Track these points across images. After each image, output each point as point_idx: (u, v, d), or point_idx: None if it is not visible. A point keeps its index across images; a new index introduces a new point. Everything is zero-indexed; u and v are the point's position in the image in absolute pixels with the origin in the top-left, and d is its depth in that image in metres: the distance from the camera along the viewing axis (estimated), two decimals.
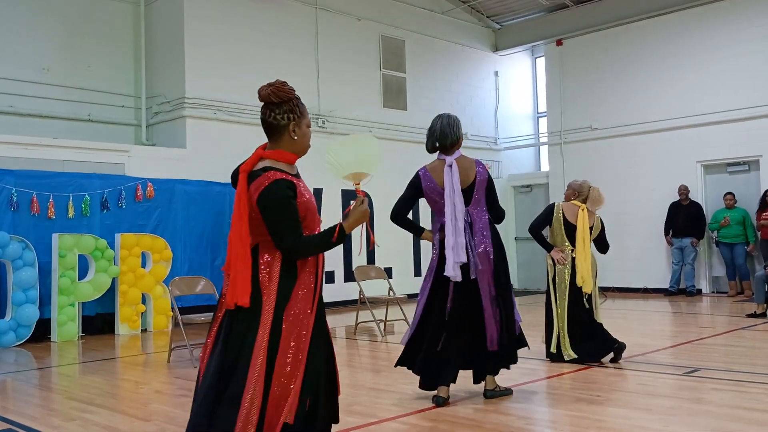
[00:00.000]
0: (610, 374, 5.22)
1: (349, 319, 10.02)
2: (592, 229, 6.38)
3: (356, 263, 12.07)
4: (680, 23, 13.03)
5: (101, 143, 10.18)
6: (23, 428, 4.56)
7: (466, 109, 14.95)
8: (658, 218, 12.87)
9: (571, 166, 14.22)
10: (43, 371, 7.04)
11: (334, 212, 12.50)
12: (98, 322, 9.41)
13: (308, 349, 3.00)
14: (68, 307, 8.86)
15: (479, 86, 15.38)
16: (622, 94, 13.70)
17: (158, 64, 11.34)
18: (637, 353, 6.65)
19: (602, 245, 6.58)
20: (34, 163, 9.26)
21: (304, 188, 3.14)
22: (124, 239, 9.44)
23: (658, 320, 9.71)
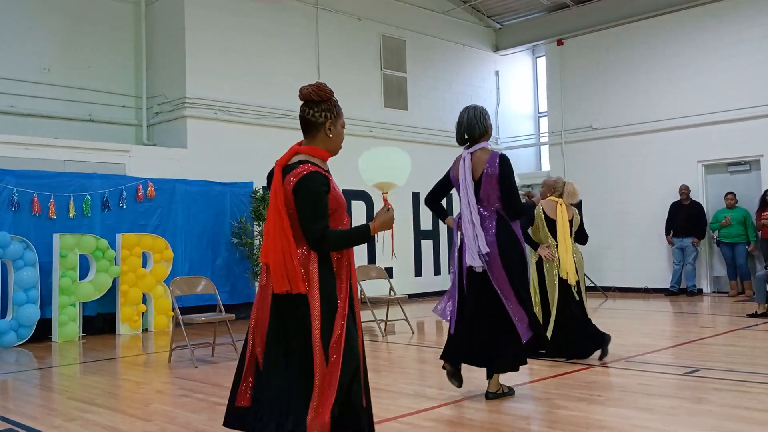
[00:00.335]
0: (610, 374, 5.22)
1: None
2: (572, 222, 6.47)
3: (356, 263, 12.09)
4: (681, 23, 13.02)
5: (102, 143, 10.18)
6: (24, 428, 4.56)
7: None
8: (658, 218, 12.87)
9: (571, 165, 14.22)
10: (44, 371, 7.05)
11: None
12: (99, 322, 9.41)
13: (345, 338, 3.13)
14: (69, 307, 8.87)
15: (480, 86, 15.37)
16: (622, 93, 13.70)
17: (159, 64, 11.34)
18: (637, 353, 6.65)
19: (582, 237, 6.76)
20: (34, 163, 9.27)
21: (335, 184, 3.28)
22: (124, 239, 9.44)
23: (658, 320, 9.71)
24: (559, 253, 6.37)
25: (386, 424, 4.37)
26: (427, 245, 13.98)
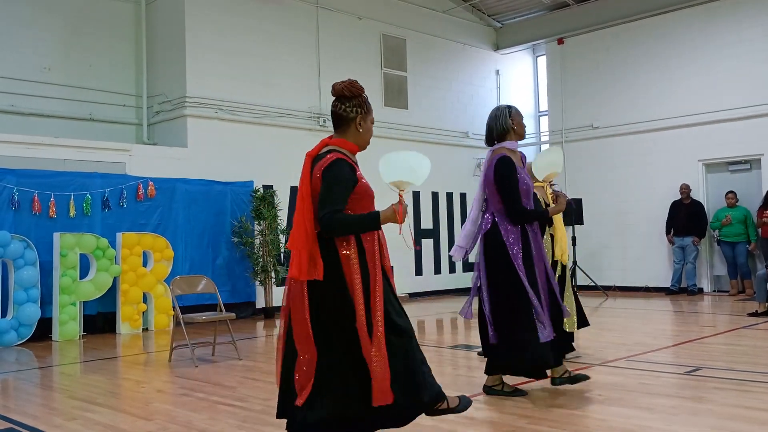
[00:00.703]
0: (611, 373, 5.22)
1: None
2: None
3: None
4: (681, 22, 13.01)
5: (102, 142, 10.18)
6: (25, 427, 4.56)
7: (467, 108, 14.94)
8: (659, 217, 12.86)
9: (572, 164, 14.21)
10: (44, 370, 7.05)
11: None
12: (99, 321, 9.42)
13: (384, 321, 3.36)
14: (69, 306, 8.87)
15: (480, 85, 15.37)
16: (623, 93, 13.69)
17: (159, 63, 11.34)
18: (638, 352, 6.65)
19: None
20: (35, 162, 9.27)
21: (361, 174, 3.47)
22: (125, 238, 9.44)
23: (659, 319, 9.70)
24: (556, 234, 6.25)
25: None
26: (427, 244, 13.98)
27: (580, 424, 4.25)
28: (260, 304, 11.09)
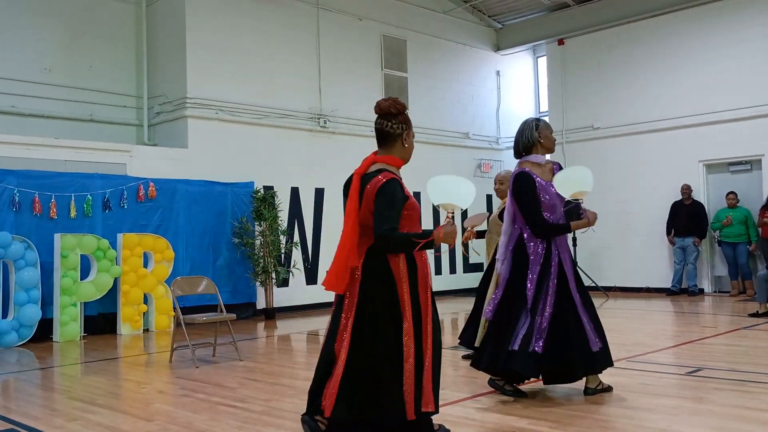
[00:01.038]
0: (611, 374, 5.21)
1: None
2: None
3: None
4: (682, 22, 13.01)
5: (103, 143, 10.19)
6: (25, 428, 4.57)
7: (467, 108, 14.95)
8: (660, 217, 12.86)
9: (572, 165, 14.19)
10: (45, 371, 7.05)
11: (335, 211, 12.51)
12: (100, 322, 9.42)
13: (431, 332, 3.58)
14: (70, 307, 8.87)
15: (481, 86, 15.37)
16: (623, 93, 13.69)
17: (160, 64, 11.34)
18: (639, 353, 6.65)
19: None
20: (35, 163, 9.27)
21: (409, 191, 3.66)
22: (126, 239, 9.45)
23: (660, 320, 9.70)
24: None
25: None
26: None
27: (580, 424, 4.25)
28: (261, 305, 11.08)
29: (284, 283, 11.44)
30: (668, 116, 13.05)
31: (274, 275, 10.95)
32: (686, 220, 12.44)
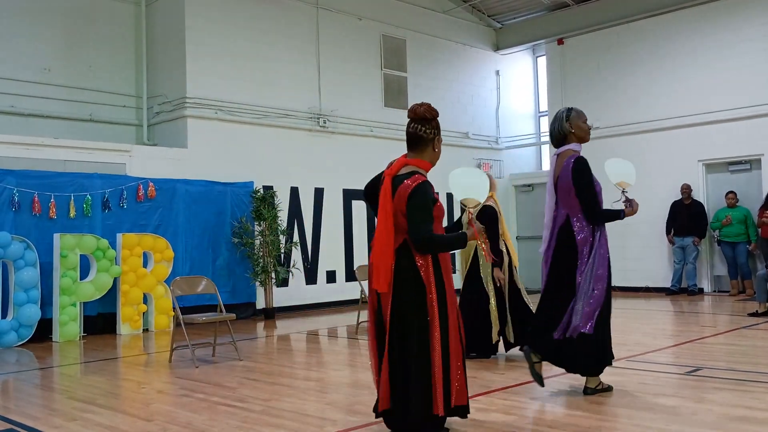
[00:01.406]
0: (611, 373, 5.21)
1: (350, 318, 10.02)
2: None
3: (357, 263, 12.10)
4: (681, 22, 13.01)
5: (102, 143, 10.18)
6: (25, 428, 4.56)
7: (467, 108, 14.94)
8: (659, 217, 12.86)
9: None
10: (44, 371, 7.05)
11: (335, 211, 12.52)
12: (100, 322, 9.41)
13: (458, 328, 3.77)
14: (70, 307, 8.87)
15: (480, 85, 15.37)
16: (623, 93, 13.69)
17: (159, 63, 11.34)
18: (638, 352, 6.65)
19: None
20: (35, 163, 9.27)
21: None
22: (125, 239, 9.45)
23: (659, 319, 9.70)
24: (508, 243, 6.73)
25: None
26: None
27: (580, 424, 4.25)
28: (260, 304, 11.08)
29: (284, 282, 11.44)
30: (668, 116, 13.04)
31: (273, 275, 10.95)
32: (686, 219, 12.44)
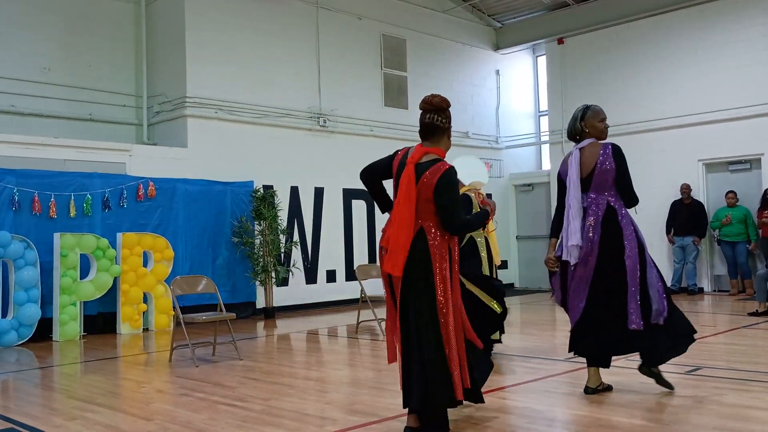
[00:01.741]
0: (611, 373, 5.21)
1: (350, 317, 10.03)
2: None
3: (357, 262, 12.10)
4: (682, 22, 13.01)
5: (102, 143, 10.19)
6: (25, 427, 4.57)
7: (467, 107, 14.94)
8: (659, 217, 12.85)
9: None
10: (44, 370, 7.05)
11: (335, 208, 12.52)
12: (100, 321, 9.42)
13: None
14: (70, 306, 8.87)
15: (480, 85, 15.37)
16: (623, 92, 13.69)
17: (159, 63, 11.34)
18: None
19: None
20: (35, 162, 9.27)
21: None
22: (125, 238, 9.45)
23: None
24: (490, 239, 6.58)
25: (388, 423, 4.37)
26: None
27: (579, 423, 4.25)
28: (260, 304, 11.09)
29: (284, 282, 11.44)
30: (668, 115, 13.04)
31: (273, 274, 10.95)
32: (686, 219, 12.44)
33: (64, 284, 8.84)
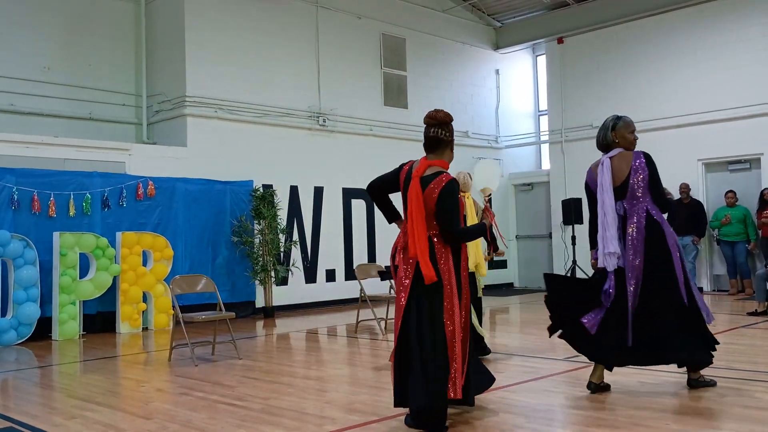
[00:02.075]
0: (611, 372, 5.21)
1: (350, 317, 10.03)
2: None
3: (357, 262, 12.10)
4: (681, 21, 13.01)
5: (102, 142, 10.18)
6: (24, 426, 4.57)
7: (467, 107, 14.94)
8: None
9: (571, 164, 14.22)
10: (44, 369, 7.05)
11: (334, 208, 12.51)
12: (99, 320, 9.42)
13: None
14: (69, 305, 8.87)
15: (480, 84, 15.37)
16: (623, 92, 13.69)
17: (159, 62, 11.34)
18: None
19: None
20: (35, 161, 9.27)
21: None
22: (125, 237, 9.45)
23: None
24: (469, 246, 6.43)
25: (387, 422, 4.37)
26: None
27: (578, 423, 4.26)
28: (260, 303, 11.09)
29: (283, 281, 11.44)
30: (667, 115, 13.04)
31: (273, 274, 10.95)
32: (685, 218, 12.43)
33: (63, 283, 8.84)
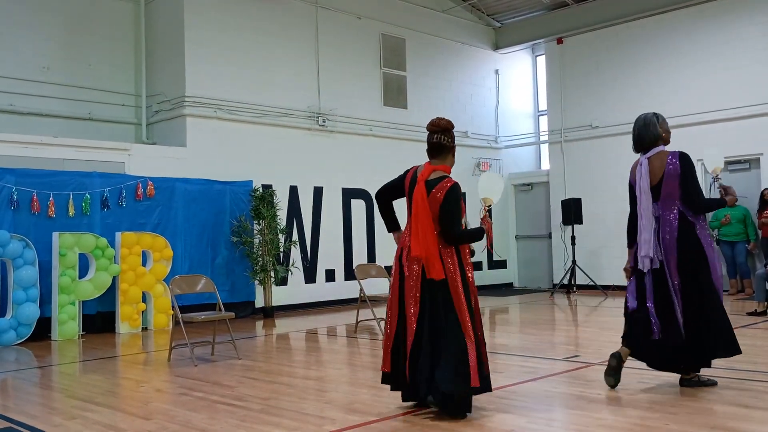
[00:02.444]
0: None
1: (349, 317, 10.03)
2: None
3: (356, 262, 12.10)
4: (681, 21, 13.01)
5: (101, 142, 10.18)
6: (24, 427, 4.56)
7: (466, 107, 14.94)
8: None
9: (571, 164, 14.22)
10: (43, 370, 7.05)
11: (334, 208, 12.51)
12: (98, 320, 9.41)
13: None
14: (69, 305, 8.86)
15: (480, 84, 15.37)
16: (622, 92, 13.69)
17: (158, 62, 11.33)
18: None
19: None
20: (34, 161, 9.27)
21: None
22: (124, 238, 9.44)
23: None
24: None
25: (388, 422, 4.37)
26: None
27: (579, 423, 4.25)
28: (259, 303, 11.08)
29: (283, 281, 11.44)
30: (667, 115, 12.70)
31: (272, 274, 10.95)
32: None
33: (62, 283, 8.83)
